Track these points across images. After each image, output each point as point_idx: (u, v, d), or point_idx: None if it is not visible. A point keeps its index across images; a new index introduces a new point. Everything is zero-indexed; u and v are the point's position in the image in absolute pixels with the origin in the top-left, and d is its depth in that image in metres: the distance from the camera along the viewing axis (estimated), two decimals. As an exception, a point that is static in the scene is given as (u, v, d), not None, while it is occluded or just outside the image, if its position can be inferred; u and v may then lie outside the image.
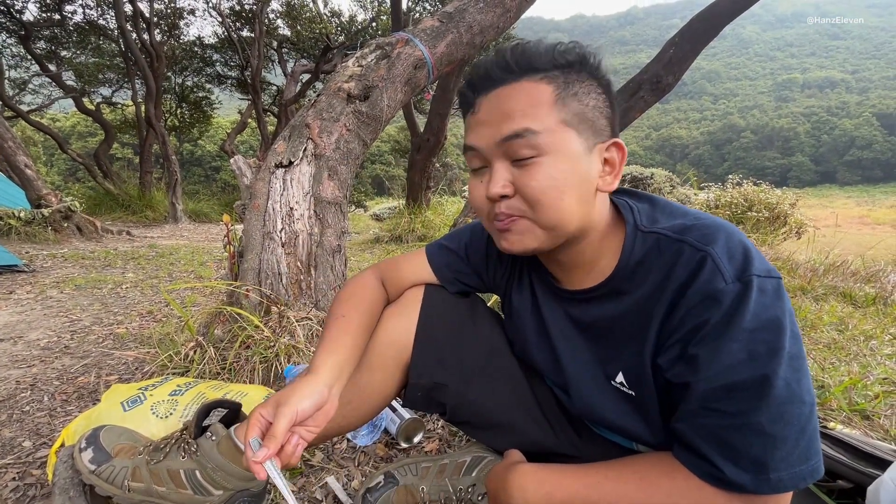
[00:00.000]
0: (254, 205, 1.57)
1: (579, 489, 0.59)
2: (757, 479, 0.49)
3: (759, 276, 0.49)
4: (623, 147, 0.58)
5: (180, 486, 0.77)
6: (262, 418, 0.58)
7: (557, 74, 0.55)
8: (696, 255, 0.52)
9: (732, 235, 0.53)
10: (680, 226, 0.56)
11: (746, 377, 0.48)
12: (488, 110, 0.57)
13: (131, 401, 0.96)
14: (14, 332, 2.02)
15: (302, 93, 10.28)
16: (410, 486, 0.83)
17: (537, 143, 0.54)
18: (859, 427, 1.29)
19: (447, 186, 7.00)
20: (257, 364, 1.34)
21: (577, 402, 0.68)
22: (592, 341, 0.65)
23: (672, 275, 0.54)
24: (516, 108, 0.55)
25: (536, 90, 0.55)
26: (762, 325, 0.48)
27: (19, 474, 1.03)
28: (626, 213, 0.61)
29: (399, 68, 1.74)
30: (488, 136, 0.56)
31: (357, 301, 0.76)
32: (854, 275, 3.45)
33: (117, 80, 11.27)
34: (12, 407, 1.35)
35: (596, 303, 0.63)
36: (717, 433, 0.50)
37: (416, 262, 0.82)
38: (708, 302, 0.50)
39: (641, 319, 0.57)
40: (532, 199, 0.55)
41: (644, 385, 0.59)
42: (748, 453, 0.49)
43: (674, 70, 3.40)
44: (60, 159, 24.92)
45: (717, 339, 0.49)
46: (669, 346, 0.54)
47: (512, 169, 0.56)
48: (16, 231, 4.36)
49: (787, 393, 0.48)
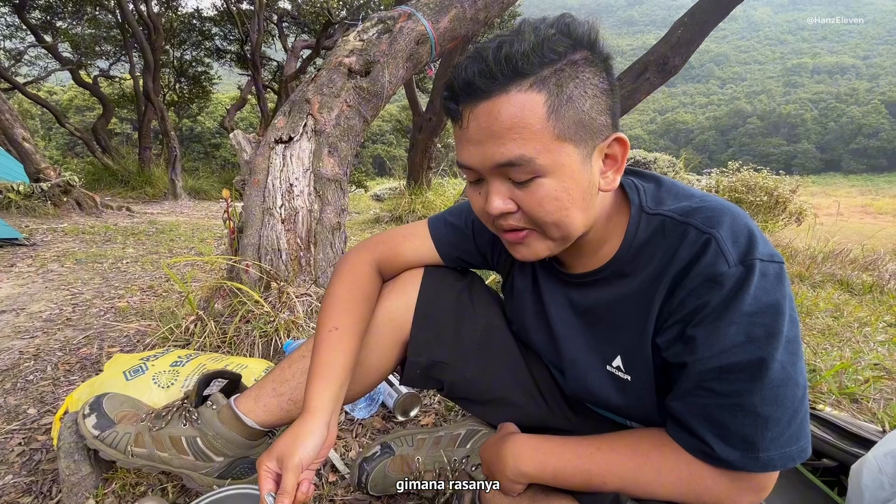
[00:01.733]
0: (253, 180, 1.56)
1: (572, 459, 0.60)
2: (746, 457, 0.50)
3: (762, 261, 0.49)
4: (625, 141, 0.54)
5: (182, 452, 0.79)
6: (269, 470, 0.60)
7: (548, 75, 0.49)
8: (701, 237, 0.52)
9: (738, 218, 0.52)
10: (686, 208, 0.56)
11: (743, 359, 0.49)
12: (476, 129, 0.51)
13: (133, 370, 0.98)
14: (16, 303, 2.04)
15: (303, 69, 10.09)
16: (406, 456, 0.86)
17: (534, 167, 0.50)
18: (848, 410, 1.32)
19: (448, 167, 6.92)
20: (257, 338, 1.36)
21: (572, 383, 0.69)
22: (591, 325, 0.65)
23: (676, 257, 0.54)
24: (505, 129, 0.49)
25: (528, 104, 0.48)
26: (762, 309, 0.49)
27: (25, 439, 1.06)
28: (631, 194, 0.60)
29: (401, 43, 1.71)
30: (481, 158, 0.52)
31: (350, 304, 0.72)
32: (852, 263, 3.46)
33: (114, 53, 11.05)
34: (16, 376, 1.37)
35: (598, 286, 0.63)
36: (711, 412, 0.51)
37: (417, 239, 0.80)
38: (709, 284, 0.50)
39: (644, 302, 0.57)
40: (537, 219, 0.54)
41: (641, 368, 0.59)
42: (740, 432, 0.50)
43: (681, 51, 3.34)
44: (58, 133, 24.64)
45: (716, 321, 0.50)
46: (668, 327, 0.55)
47: (511, 186, 0.53)
48: (15, 205, 4.35)
49: (782, 376, 0.49)
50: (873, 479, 0.76)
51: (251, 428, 0.78)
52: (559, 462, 0.61)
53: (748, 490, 0.52)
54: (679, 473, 0.54)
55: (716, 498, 0.53)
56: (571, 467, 0.60)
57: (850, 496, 0.78)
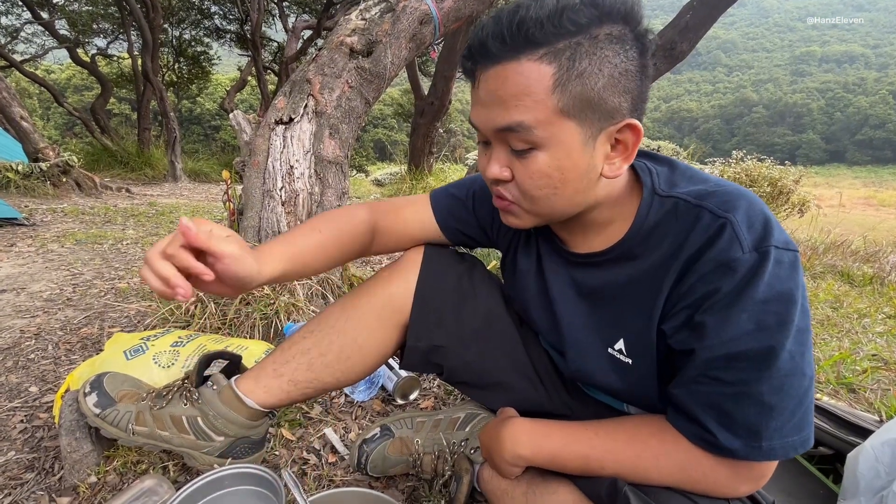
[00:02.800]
0: (253, 162, 1.55)
1: (570, 443, 0.60)
2: (748, 447, 0.49)
3: (777, 248, 0.48)
4: (638, 128, 0.52)
5: (182, 431, 0.79)
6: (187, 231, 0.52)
7: (564, 47, 0.47)
8: (716, 221, 0.50)
9: (754, 204, 0.51)
10: (700, 191, 0.54)
11: (752, 347, 0.48)
12: (486, 91, 0.52)
13: (133, 350, 0.98)
14: (16, 283, 2.04)
15: (303, 50, 9.93)
16: (405, 438, 0.86)
17: (531, 138, 0.50)
18: (845, 400, 1.32)
19: (450, 153, 6.87)
20: (257, 320, 1.36)
21: (572, 364, 0.68)
22: (595, 307, 0.64)
23: (688, 240, 0.52)
24: (510, 95, 0.49)
25: (535, 73, 0.48)
26: (775, 297, 0.47)
27: (27, 417, 1.07)
28: (644, 176, 0.58)
29: (404, 23, 1.67)
30: (486, 120, 0.53)
31: (339, 225, 0.74)
32: (854, 255, 3.45)
33: (112, 31, 10.86)
34: (17, 354, 1.38)
35: (604, 267, 0.62)
36: (715, 400, 0.51)
37: (419, 206, 0.80)
38: (722, 270, 0.49)
39: (652, 285, 0.56)
40: (526, 192, 0.55)
41: (644, 352, 0.59)
42: (744, 421, 0.49)
43: (689, 36, 3.28)
44: (56, 113, 24.41)
45: (728, 307, 0.48)
46: (676, 313, 0.53)
47: (510, 155, 0.54)
48: (14, 184, 4.32)
49: (790, 365, 0.48)
50: (869, 468, 0.77)
51: (252, 408, 0.78)
52: (557, 446, 0.61)
53: (747, 479, 0.52)
54: (677, 460, 0.54)
55: (713, 486, 0.53)
56: (569, 451, 0.60)
57: (846, 484, 0.79)
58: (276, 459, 0.95)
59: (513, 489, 0.66)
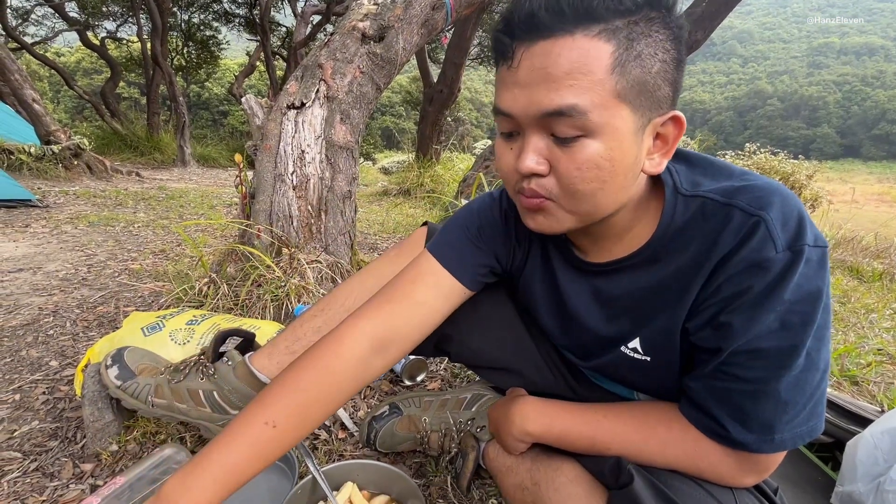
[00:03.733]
0: (265, 146, 1.56)
1: (578, 424, 0.61)
2: (760, 440, 0.49)
3: (809, 246, 0.46)
4: (682, 122, 0.49)
5: (199, 405, 0.82)
6: None
7: (621, 26, 0.44)
8: (749, 220, 0.48)
9: (788, 199, 0.48)
10: (728, 188, 0.51)
11: (774, 345, 0.47)
12: (529, 69, 0.45)
13: (150, 327, 1.01)
14: (33, 262, 2.09)
15: (312, 35, 9.86)
16: (413, 417, 0.89)
17: (584, 123, 0.45)
18: (848, 392, 1.33)
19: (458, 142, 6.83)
20: (269, 302, 1.39)
21: (587, 361, 0.68)
22: (615, 312, 0.61)
23: (719, 241, 0.49)
24: (565, 74, 0.44)
25: (593, 51, 0.43)
26: (803, 297, 0.46)
27: (49, 389, 1.11)
28: (664, 175, 0.55)
29: (416, 8, 1.67)
30: (526, 104, 0.46)
31: (306, 407, 0.57)
32: (864, 250, 3.42)
33: (122, 14, 10.84)
34: (37, 330, 1.42)
35: (627, 273, 0.59)
36: (731, 396, 0.50)
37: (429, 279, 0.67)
38: (754, 270, 0.47)
39: (678, 288, 0.53)
40: (569, 186, 0.49)
41: (665, 350, 0.57)
42: (759, 417, 0.49)
43: (704, 25, 3.22)
44: (66, 96, 24.50)
45: (756, 307, 0.47)
46: (702, 311, 0.52)
47: (550, 143, 0.48)
48: (27, 166, 4.38)
49: (807, 362, 0.48)
50: (868, 455, 0.78)
51: (265, 384, 0.81)
52: (565, 425, 0.62)
53: (753, 471, 0.52)
54: (685, 448, 0.54)
55: (719, 476, 0.53)
56: (577, 432, 0.60)
57: (844, 470, 0.81)
58: (288, 434, 0.98)
59: (517, 465, 0.68)
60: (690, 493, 0.51)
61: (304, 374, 0.59)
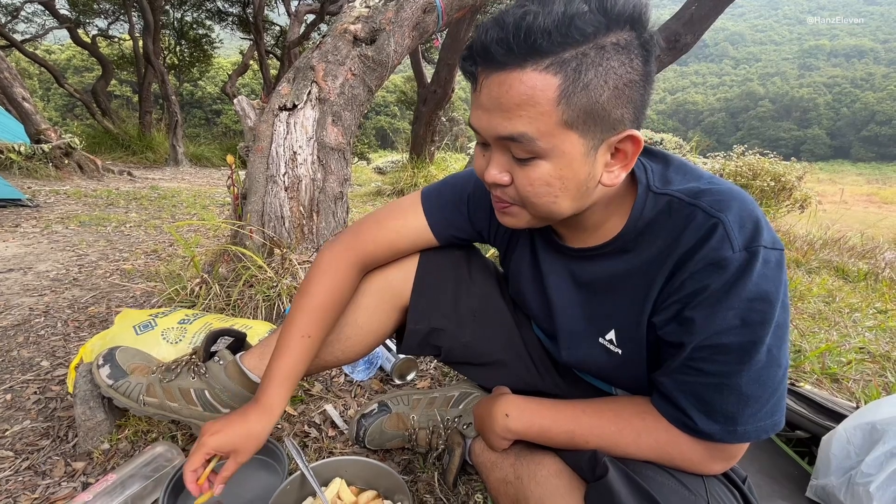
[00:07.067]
0: (257, 147, 1.57)
1: (558, 419, 0.64)
2: (725, 431, 0.53)
3: (765, 248, 0.50)
4: (638, 139, 0.52)
5: (191, 403, 0.84)
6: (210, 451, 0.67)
7: (570, 58, 0.46)
8: (708, 221, 0.52)
9: (745, 204, 0.52)
10: (694, 189, 0.55)
11: (735, 341, 0.50)
12: (487, 96, 0.50)
13: (143, 325, 1.02)
14: (23, 262, 2.08)
15: (306, 35, 9.84)
16: (402, 414, 0.91)
17: (533, 148, 0.50)
18: (828, 389, 1.37)
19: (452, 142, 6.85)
20: (260, 302, 1.40)
21: (563, 351, 0.71)
22: (589, 298, 0.66)
23: (681, 239, 0.54)
24: (513, 105, 0.48)
25: (540, 84, 0.46)
26: (760, 296, 0.50)
27: (40, 389, 1.11)
28: (639, 172, 0.59)
29: (408, 11, 1.68)
30: (487, 126, 0.52)
31: (325, 312, 0.75)
32: (850, 250, 3.48)
33: (113, 12, 10.76)
34: (28, 330, 1.42)
35: (599, 260, 0.64)
36: (697, 389, 0.54)
37: (409, 216, 0.77)
38: (712, 268, 0.51)
39: (644, 280, 0.58)
40: (526, 198, 0.54)
41: (634, 343, 0.61)
42: (722, 409, 0.52)
43: (694, 28, 3.26)
44: (57, 94, 24.22)
45: (716, 304, 0.51)
46: (666, 307, 0.56)
47: (510, 159, 0.53)
48: (17, 166, 4.34)
49: (767, 358, 0.51)
50: (841, 449, 0.81)
51: (255, 383, 0.82)
52: (546, 422, 0.65)
53: (720, 458, 0.56)
54: (657, 439, 0.57)
55: (689, 463, 0.56)
56: (557, 427, 0.63)
57: (819, 464, 0.84)
58: (279, 432, 1.00)
59: (502, 461, 0.70)
60: (663, 482, 0.54)
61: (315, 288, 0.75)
